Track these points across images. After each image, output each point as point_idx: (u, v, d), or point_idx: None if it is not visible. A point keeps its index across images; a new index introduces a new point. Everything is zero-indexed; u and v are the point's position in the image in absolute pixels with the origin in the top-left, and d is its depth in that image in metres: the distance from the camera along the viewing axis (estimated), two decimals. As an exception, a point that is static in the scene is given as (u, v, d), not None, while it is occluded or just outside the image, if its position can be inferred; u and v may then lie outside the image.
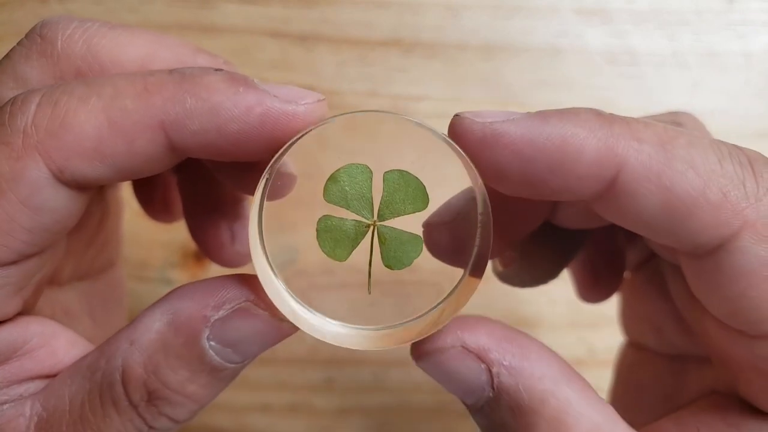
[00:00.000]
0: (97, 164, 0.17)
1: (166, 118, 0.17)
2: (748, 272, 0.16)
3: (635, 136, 0.16)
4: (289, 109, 0.17)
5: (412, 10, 0.36)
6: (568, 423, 0.16)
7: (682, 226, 0.16)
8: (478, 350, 0.17)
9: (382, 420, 0.34)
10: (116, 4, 0.36)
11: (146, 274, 0.34)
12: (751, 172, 0.16)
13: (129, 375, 0.17)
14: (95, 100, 0.16)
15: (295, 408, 0.34)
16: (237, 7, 0.36)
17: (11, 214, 0.16)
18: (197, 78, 0.17)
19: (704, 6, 0.37)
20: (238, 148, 0.17)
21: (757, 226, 0.16)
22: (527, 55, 0.36)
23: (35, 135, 0.16)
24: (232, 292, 0.17)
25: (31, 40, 0.19)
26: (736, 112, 0.37)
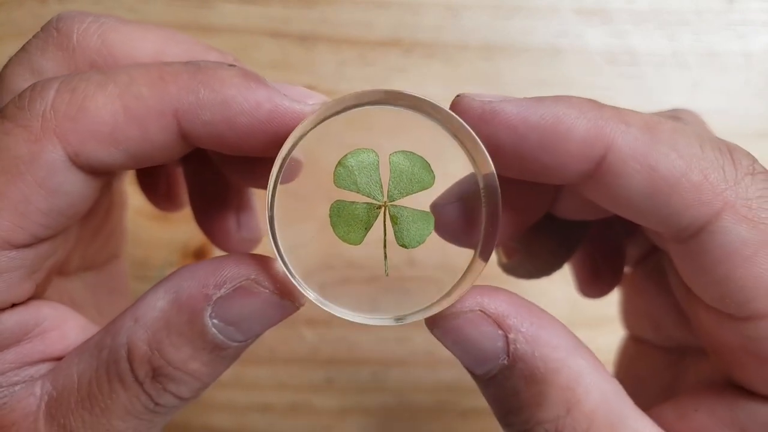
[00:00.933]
0: (111, 149, 0.17)
1: (179, 106, 0.17)
2: (731, 252, 0.17)
3: (623, 119, 0.17)
4: (296, 108, 0.18)
5: (412, 10, 0.36)
6: (578, 392, 0.17)
7: (666, 206, 0.17)
8: (496, 315, 0.17)
9: (382, 420, 0.34)
10: (115, 4, 0.36)
11: (146, 274, 0.34)
12: (730, 158, 0.17)
13: (134, 352, 0.17)
14: (112, 86, 0.17)
15: (296, 408, 0.34)
16: (236, 7, 0.36)
17: (28, 196, 0.17)
18: (211, 71, 0.17)
19: (704, 6, 0.37)
20: (245, 141, 0.18)
21: (737, 207, 0.17)
22: (527, 55, 0.36)
23: (53, 119, 0.17)
24: (234, 270, 0.17)
25: (47, 33, 0.20)
26: (736, 112, 0.37)
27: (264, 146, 0.18)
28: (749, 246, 0.17)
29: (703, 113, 0.37)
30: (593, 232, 0.24)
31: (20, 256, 0.17)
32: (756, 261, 0.17)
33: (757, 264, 0.17)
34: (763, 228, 0.17)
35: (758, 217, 0.17)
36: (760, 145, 0.36)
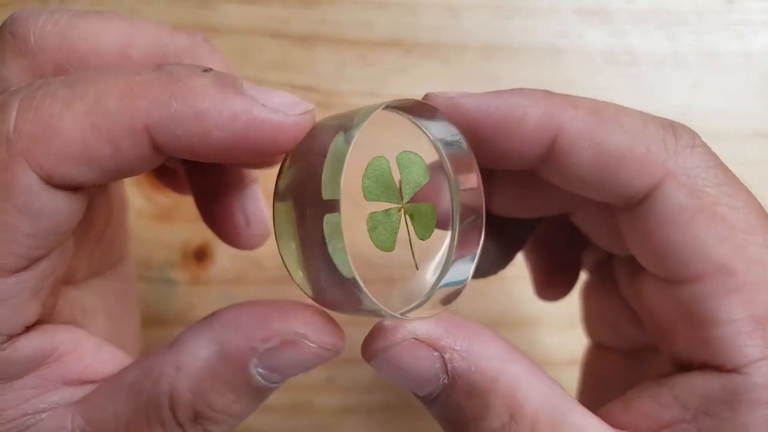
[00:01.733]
0: (85, 168, 0.17)
1: (150, 121, 0.16)
2: (670, 217, 0.18)
3: (572, 104, 0.19)
4: (275, 119, 0.17)
5: (412, 11, 0.36)
6: (519, 397, 0.17)
7: (614, 178, 0.18)
8: (429, 339, 0.17)
9: (383, 419, 0.34)
10: (117, 5, 0.36)
11: (147, 274, 0.34)
12: (672, 133, 0.19)
13: (177, 399, 0.18)
14: (78, 103, 0.16)
15: (296, 407, 0.34)
16: (237, 8, 0.36)
17: (10, 223, 0.16)
18: (184, 80, 0.17)
19: (704, 6, 0.37)
20: (222, 153, 0.17)
21: (677, 175, 0.18)
22: (527, 55, 0.36)
23: (20, 142, 0.16)
24: (281, 326, 0.17)
25: (2, 39, 0.19)
26: (736, 112, 0.37)
27: (244, 157, 0.17)
28: (687, 211, 0.18)
29: (703, 113, 0.37)
30: (549, 238, 0.26)
31: (19, 280, 0.17)
32: (692, 225, 0.18)
33: (693, 228, 0.18)
34: (699, 195, 0.18)
35: (696, 185, 0.18)
36: (760, 145, 0.36)
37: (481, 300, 0.30)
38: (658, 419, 0.19)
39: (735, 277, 0.18)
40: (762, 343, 0.18)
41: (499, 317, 0.34)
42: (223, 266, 0.35)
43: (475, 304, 0.34)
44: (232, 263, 0.35)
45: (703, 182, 0.18)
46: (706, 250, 0.18)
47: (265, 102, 0.17)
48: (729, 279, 0.18)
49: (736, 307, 0.18)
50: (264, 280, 0.35)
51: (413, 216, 0.18)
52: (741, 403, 0.17)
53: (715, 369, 0.18)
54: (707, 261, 0.18)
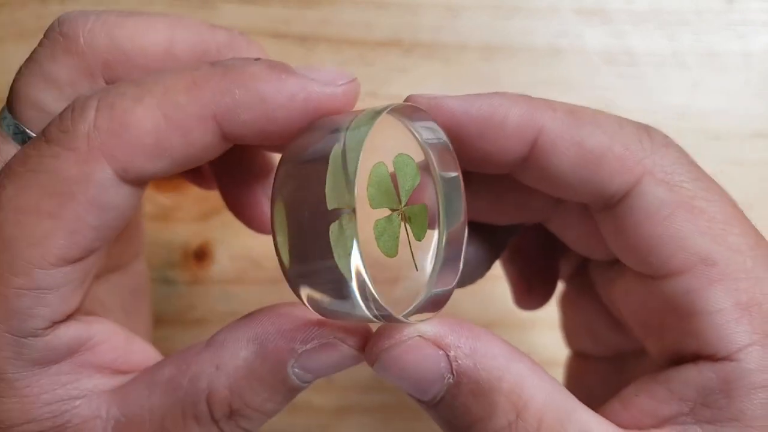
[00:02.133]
0: (157, 159, 0.18)
1: (217, 109, 0.18)
2: (651, 212, 0.19)
3: (550, 106, 0.19)
4: (329, 92, 0.18)
5: (412, 11, 0.36)
6: (524, 395, 0.18)
7: (595, 176, 0.19)
8: (434, 337, 0.18)
9: (382, 419, 0.34)
10: (116, 5, 0.36)
11: (147, 274, 0.34)
12: (646, 133, 0.19)
13: (214, 396, 0.18)
14: (149, 98, 0.17)
15: (295, 407, 0.34)
16: (237, 8, 0.36)
17: (80, 215, 0.17)
18: (240, 69, 0.18)
19: (704, 6, 0.37)
20: (285, 131, 0.18)
21: (655, 172, 0.19)
22: (527, 55, 0.36)
23: (98, 137, 0.17)
24: (323, 330, 0.18)
25: (52, 39, 0.20)
26: (735, 112, 0.37)
27: None
28: (667, 206, 0.19)
29: (703, 113, 0.37)
30: (525, 247, 0.26)
31: (73, 270, 0.18)
32: (673, 220, 0.18)
33: (674, 222, 0.18)
34: (678, 190, 0.19)
35: (674, 180, 0.19)
36: (760, 145, 0.36)
37: (480, 300, 0.31)
38: (657, 415, 0.19)
39: (717, 267, 0.18)
40: (750, 329, 0.18)
41: (498, 318, 0.34)
42: (223, 266, 0.35)
43: (474, 304, 0.34)
44: (232, 263, 0.35)
45: (680, 178, 0.19)
46: (688, 243, 0.18)
47: (315, 77, 0.18)
48: (712, 269, 0.18)
49: (721, 296, 0.18)
50: (264, 280, 0.35)
51: (410, 218, 0.18)
52: (736, 390, 0.18)
53: (708, 359, 0.18)
54: (690, 253, 0.18)
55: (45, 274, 0.17)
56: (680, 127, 0.36)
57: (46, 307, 0.18)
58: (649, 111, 0.36)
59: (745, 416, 0.18)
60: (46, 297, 0.17)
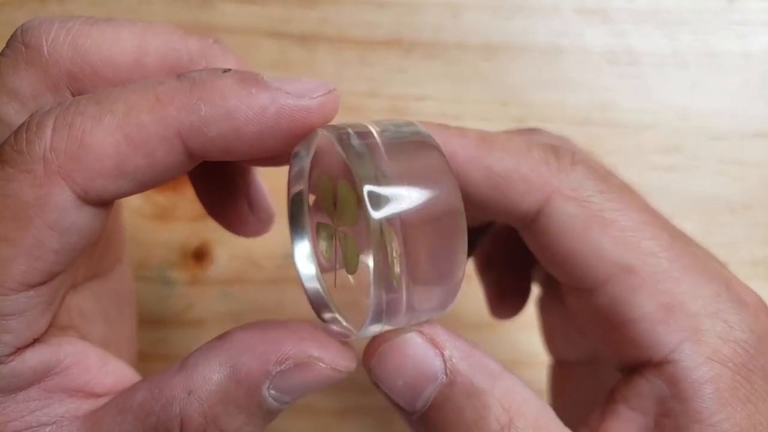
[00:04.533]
0: (119, 180, 0.17)
1: (182, 127, 0.17)
2: (564, 229, 0.19)
3: (461, 134, 0.20)
4: (303, 105, 0.17)
5: (412, 10, 0.36)
6: (518, 401, 0.18)
7: (505, 197, 0.20)
8: (430, 335, 0.18)
9: (382, 420, 0.34)
10: (116, 5, 0.36)
11: (145, 274, 0.34)
12: (554, 155, 0.20)
13: (188, 423, 0.17)
14: (109, 117, 0.17)
15: (295, 408, 0.34)
16: (236, 7, 0.36)
17: (40, 240, 0.16)
18: (208, 83, 0.17)
19: (704, 6, 0.37)
20: (256, 147, 0.17)
21: (563, 190, 0.20)
22: (528, 54, 0.36)
23: (56, 160, 0.16)
24: (295, 349, 0.17)
25: (15, 50, 0.19)
26: (735, 113, 0.37)
27: (277, 147, 0.18)
28: (577, 221, 0.19)
29: (703, 113, 0.37)
30: (498, 255, 0.27)
31: (37, 294, 0.17)
32: (587, 234, 0.19)
33: (588, 236, 0.19)
34: (586, 205, 0.19)
35: (581, 196, 0.19)
36: (760, 145, 0.36)
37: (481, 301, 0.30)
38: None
39: (635, 273, 0.19)
40: (677, 328, 0.18)
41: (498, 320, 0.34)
42: (222, 266, 0.34)
43: (474, 305, 0.34)
44: (231, 263, 0.35)
45: (587, 193, 0.19)
46: (604, 254, 0.19)
47: (288, 90, 0.17)
48: (630, 276, 0.19)
49: (644, 300, 0.19)
50: (263, 280, 0.35)
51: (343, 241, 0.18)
52: (684, 392, 0.18)
53: (648, 365, 0.19)
54: (607, 263, 0.19)
55: (6, 300, 0.17)
56: (680, 127, 0.36)
57: (8, 333, 0.17)
58: (649, 111, 0.36)
59: (701, 415, 0.18)
60: (8, 323, 0.17)
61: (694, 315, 0.19)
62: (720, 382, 0.18)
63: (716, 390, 0.18)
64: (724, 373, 0.18)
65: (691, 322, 0.18)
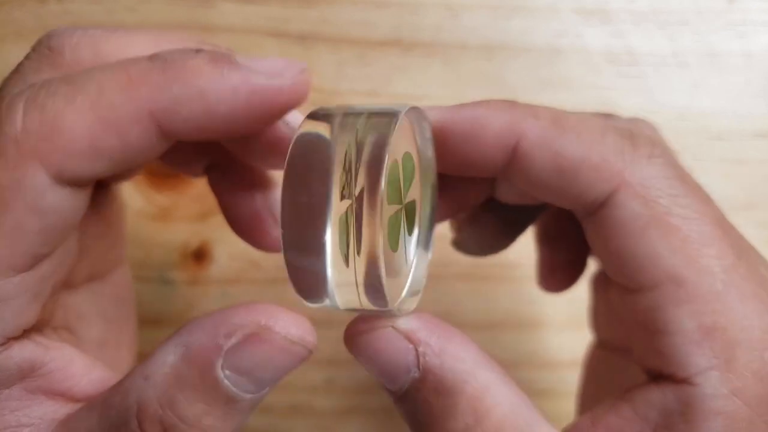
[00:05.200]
0: (94, 161, 0.17)
1: (154, 107, 0.17)
2: (624, 225, 0.19)
3: (533, 113, 0.19)
4: (275, 84, 0.18)
5: (412, 10, 0.36)
6: (486, 403, 0.18)
7: (572, 185, 0.19)
8: (406, 331, 0.18)
9: (383, 421, 0.34)
10: (115, 4, 0.36)
11: (145, 274, 0.34)
12: (630, 143, 0.19)
13: (144, 412, 0.17)
14: (81, 98, 0.17)
15: (296, 408, 0.34)
16: (236, 7, 0.36)
17: (19, 221, 0.16)
18: (179, 62, 0.17)
19: (704, 6, 0.37)
20: (229, 126, 0.18)
21: (632, 185, 0.19)
22: (527, 55, 0.36)
23: (28, 142, 0.16)
24: (243, 317, 0.17)
25: (39, 53, 0.19)
26: (736, 112, 0.37)
27: (250, 126, 0.18)
28: (640, 220, 0.19)
29: (703, 113, 0.37)
30: (556, 227, 0.26)
31: (24, 280, 0.17)
32: (645, 234, 0.18)
33: (646, 237, 0.18)
34: (653, 205, 0.19)
35: (650, 195, 0.19)
36: (760, 145, 0.36)
37: (482, 301, 0.30)
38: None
39: (685, 287, 0.18)
40: (710, 353, 0.18)
41: (500, 318, 0.34)
42: (222, 266, 0.34)
43: (476, 304, 0.34)
44: (231, 263, 0.35)
45: (657, 192, 0.19)
46: (658, 260, 0.18)
47: (260, 69, 0.17)
48: (679, 289, 0.18)
49: (685, 316, 0.18)
50: (263, 280, 0.35)
51: (407, 213, 0.19)
52: (694, 415, 0.18)
53: (669, 378, 0.18)
54: (659, 270, 0.18)
55: None
56: (680, 127, 0.36)
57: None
58: (649, 111, 0.36)
59: None
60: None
61: (734, 344, 0.18)
62: (736, 419, 0.18)
63: (728, 426, 0.17)
64: (742, 412, 0.18)
65: (728, 351, 0.18)
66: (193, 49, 0.18)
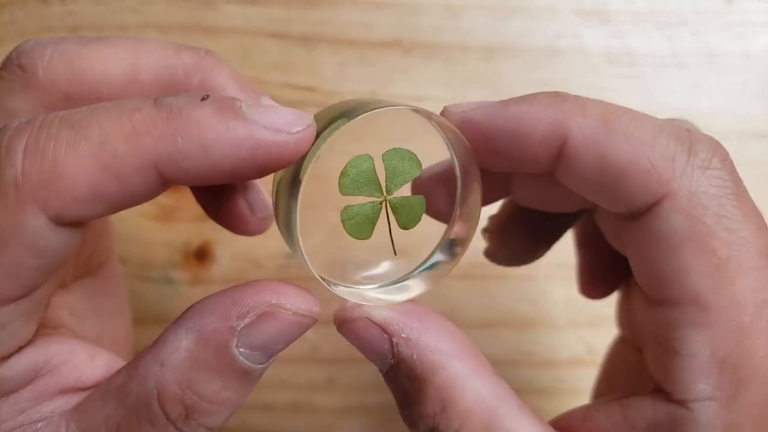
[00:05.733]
0: (94, 205, 0.17)
1: (158, 158, 0.17)
2: (660, 238, 0.18)
3: (582, 111, 0.19)
4: (280, 140, 0.17)
5: (412, 11, 0.36)
6: (453, 393, 0.18)
7: (616, 189, 0.18)
8: (381, 323, 0.19)
9: (383, 419, 0.34)
10: (118, 5, 0.36)
11: (148, 274, 0.34)
12: (686, 149, 0.18)
13: (165, 395, 0.18)
14: (84, 144, 0.16)
15: (297, 407, 0.34)
16: (238, 8, 0.36)
17: (16, 260, 0.17)
18: (185, 112, 0.17)
19: (703, 6, 0.37)
20: (230, 177, 0.18)
21: (678, 197, 0.18)
22: (527, 55, 0.37)
23: (28, 186, 0.16)
24: (254, 299, 0.18)
25: (11, 72, 0.19)
26: (735, 113, 0.37)
27: (251, 177, 0.18)
28: (678, 236, 0.18)
29: (703, 114, 0.37)
30: (595, 233, 0.25)
31: (19, 306, 0.17)
32: (680, 251, 0.18)
33: (680, 254, 0.18)
34: (695, 222, 0.18)
35: (694, 211, 0.18)
36: (760, 145, 0.36)
37: (482, 300, 0.31)
38: None
39: (708, 313, 0.17)
40: (715, 384, 0.17)
41: (500, 317, 0.34)
42: (224, 266, 0.35)
43: (475, 303, 0.35)
44: (232, 263, 0.35)
45: (703, 209, 0.18)
46: (687, 279, 0.18)
47: (266, 124, 0.17)
48: (702, 313, 0.18)
49: (700, 342, 0.18)
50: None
51: (396, 208, 0.20)
52: None
53: (666, 395, 0.18)
54: (685, 290, 0.18)
55: None
56: (680, 127, 0.36)
57: None
58: (648, 111, 0.36)
59: None
60: None
61: (743, 382, 0.17)
62: None
63: None
64: None
65: (734, 387, 0.17)
66: (200, 95, 0.17)
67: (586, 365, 0.34)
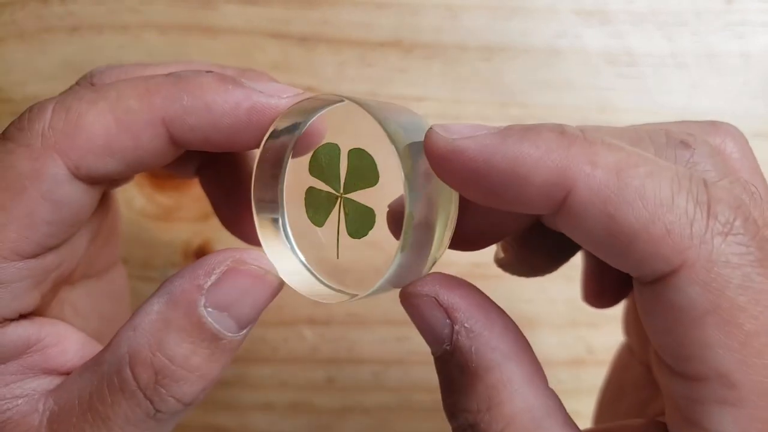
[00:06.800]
0: (108, 159, 0.19)
1: (166, 114, 0.19)
2: (678, 310, 0.16)
3: (591, 159, 0.16)
4: (273, 102, 0.19)
5: (412, 11, 0.37)
6: (503, 395, 0.18)
7: (624, 253, 0.16)
8: (447, 306, 0.18)
9: (382, 419, 0.34)
10: (118, 5, 0.36)
11: (148, 274, 0.34)
12: (705, 212, 0.16)
13: (135, 358, 0.18)
14: (102, 102, 0.19)
15: (296, 407, 0.34)
16: (238, 8, 0.36)
17: (33, 209, 0.18)
18: (191, 79, 0.19)
19: (703, 6, 0.37)
20: (231, 138, 0.20)
21: (696, 268, 0.16)
22: (527, 55, 0.37)
23: (52, 137, 0.18)
24: (220, 256, 0.19)
25: (83, 85, 0.21)
26: (734, 113, 0.37)
27: (249, 140, 0.20)
28: (698, 309, 0.16)
29: (702, 114, 0.37)
30: None
31: (27, 266, 0.19)
32: (700, 326, 0.16)
33: (700, 329, 0.16)
34: (716, 294, 0.16)
35: (715, 283, 0.16)
36: (759, 145, 0.36)
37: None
38: None
39: (736, 391, 0.16)
40: None
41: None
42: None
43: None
44: (232, 263, 0.35)
45: (725, 282, 0.16)
46: (711, 356, 0.16)
47: (261, 89, 0.20)
48: (729, 391, 0.16)
49: (729, 421, 0.16)
50: (264, 279, 0.35)
51: (346, 210, 0.20)
52: None
53: None
54: (709, 366, 0.16)
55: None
56: (679, 127, 0.36)
57: None
58: (648, 112, 0.36)
59: None
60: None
61: None
62: None
63: None
64: None
65: None
66: (205, 70, 0.20)
67: (586, 365, 0.34)
